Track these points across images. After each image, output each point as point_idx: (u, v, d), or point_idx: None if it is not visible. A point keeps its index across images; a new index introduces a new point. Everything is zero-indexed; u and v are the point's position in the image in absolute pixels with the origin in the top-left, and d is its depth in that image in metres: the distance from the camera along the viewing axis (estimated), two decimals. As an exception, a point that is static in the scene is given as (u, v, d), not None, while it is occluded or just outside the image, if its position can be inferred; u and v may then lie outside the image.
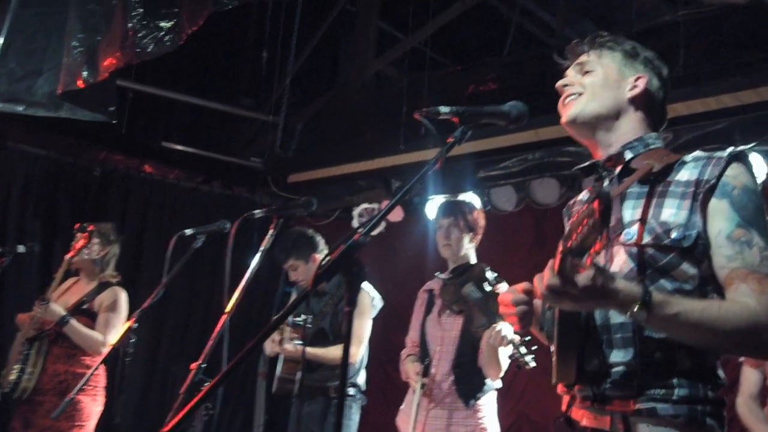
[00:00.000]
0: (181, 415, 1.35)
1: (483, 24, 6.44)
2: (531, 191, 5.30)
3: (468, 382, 3.45)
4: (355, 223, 6.24)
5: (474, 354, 3.47)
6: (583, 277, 1.39)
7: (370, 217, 6.14)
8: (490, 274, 3.46)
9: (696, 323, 1.48)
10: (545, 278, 1.43)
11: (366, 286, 4.05)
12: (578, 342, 1.63)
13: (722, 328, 1.49)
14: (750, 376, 3.41)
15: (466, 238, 3.62)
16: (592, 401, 1.65)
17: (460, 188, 5.46)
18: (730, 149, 1.67)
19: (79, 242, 4.04)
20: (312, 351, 3.85)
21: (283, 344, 3.86)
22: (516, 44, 6.10)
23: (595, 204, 1.28)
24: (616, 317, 1.63)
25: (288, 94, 6.20)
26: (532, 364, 2.93)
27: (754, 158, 4.22)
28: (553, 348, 1.70)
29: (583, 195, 2.01)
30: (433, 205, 5.58)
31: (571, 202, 2.06)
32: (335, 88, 6.75)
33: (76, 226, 4.16)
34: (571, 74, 1.88)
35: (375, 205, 6.17)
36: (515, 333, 2.98)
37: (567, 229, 1.94)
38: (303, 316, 3.99)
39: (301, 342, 3.87)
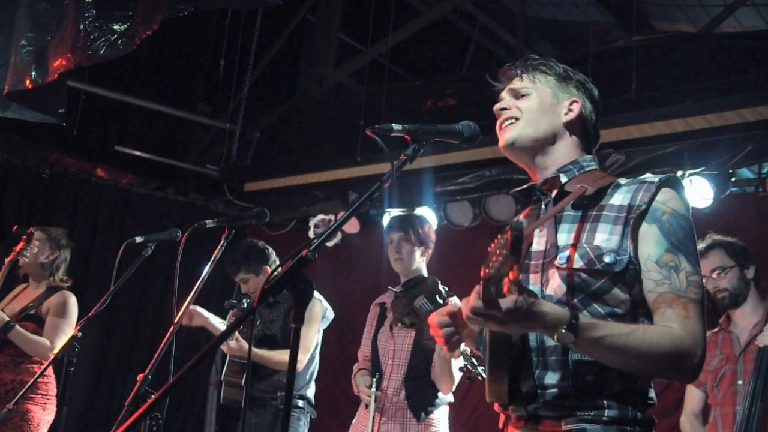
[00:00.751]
0: (123, 427, 1.31)
1: (443, 40, 6.51)
2: (487, 207, 5.34)
3: (420, 395, 3.45)
4: (311, 234, 6.21)
5: (426, 368, 3.47)
6: (507, 301, 1.40)
7: (324, 229, 6.12)
8: (441, 288, 3.47)
9: (621, 347, 1.51)
10: (470, 302, 1.45)
11: (318, 295, 4.02)
12: (509, 362, 1.65)
13: (647, 353, 1.51)
14: (693, 395, 3.50)
15: (418, 252, 3.63)
16: (526, 421, 1.67)
17: (417, 202, 5.48)
18: (662, 175, 1.72)
19: (19, 245, 3.94)
20: (258, 351, 3.79)
21: (228, 341, 3.77)
22: (475, 62, 6.18)
23: (508, 234, 1.30)
24: (551, 340, 1.64)
25: (246, 103, 6.15)
26: (484, 375, 2.94)
27: (701, 183, 4.35)
28: (486, 367, 1.71)
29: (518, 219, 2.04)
30: (389, 218, 5.59)
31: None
32: (294, 97, 6.73)
33: (15, 228, 4.05)
34: (507, 98, 1.89)
35: (331, 216, 6.15)
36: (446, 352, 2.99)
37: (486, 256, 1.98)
38: (245, 301, 3.95)
39: (242, 332, 3.80)
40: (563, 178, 1.79)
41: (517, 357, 1.66)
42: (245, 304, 3.94)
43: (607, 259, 1.61)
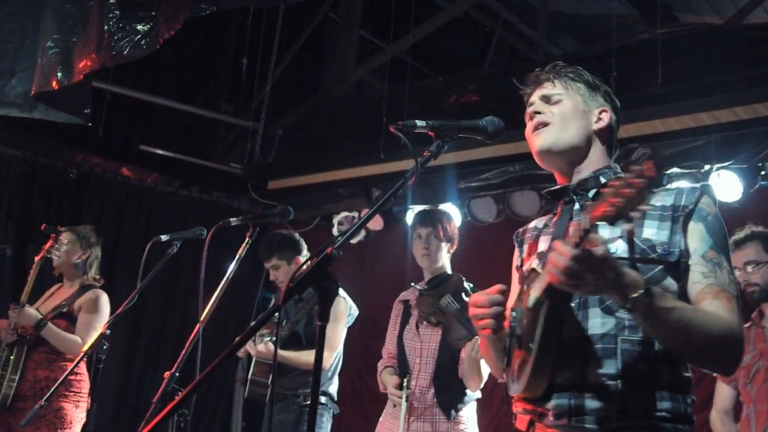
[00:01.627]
0: (151, 425, 1.33)
1: (465, 36, 6.48)
2: (510, 203, 5.32)
3: (448, 393, 3.43)
4: (335, 231, 6.23)
5: (453, 365, 3.45)
6: (600, 249, 1.42)
7: (347, 227, 6.13)
8: (467, 285, 3.45)
9: (687, 322, 1.53)
10: (565, 253, 1.43)
11: (342, 293, 4.04)
12: (555, 353, 1.62)
13: (708, 333, 1.55)
14: (723, 391, 3.45)
15: (444, 248, 3.61)
16: (569, 416, 1.62)
17: (440, 199, 5.46)
18: (699, 184, 1.79)
19: (47, 243, 3.99)
20: (284, 353, 3.82)
21: (255, 345, 3.82)
22: (498, 57, 6.15)
23: (647, 164, 1.30)
24: (597, 327, 1.65)
25: (268, 101, 6.18)
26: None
27: (729, 176, 4.28)
28: (522, 359, 1.67)
29: (536, 223, 2.03)
30: (412, 215, 5.58)
31: (521, 229, 2.07)
32: (316, 95, 6.74)
33: (43, 227, 4.10)
34: (539, 103, 1.90)
35: (355, 213, 6.16)
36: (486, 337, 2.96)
37: (522, 253, 1.95)
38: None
39: (271, 339, 3.83)
40: (603, 179, 1.81)
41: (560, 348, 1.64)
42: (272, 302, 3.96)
43: (659, 249, 1.66)
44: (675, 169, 4.31)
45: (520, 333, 1.72)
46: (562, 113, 1.85)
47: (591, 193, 1.80)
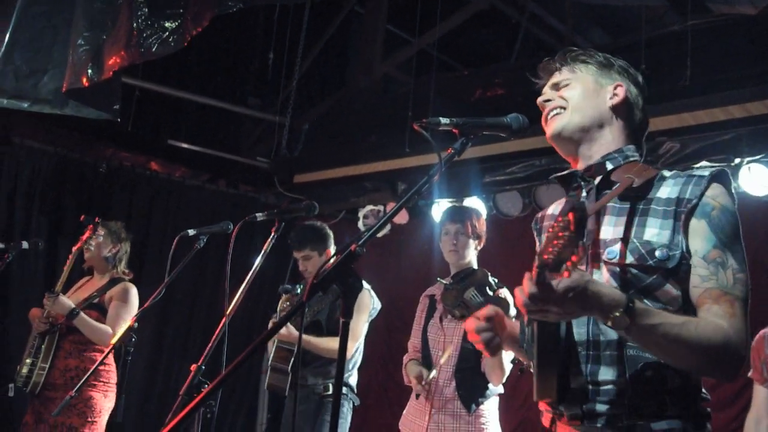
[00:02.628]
0: (176, 421, 1.35)
1: (491, 29, 6.43)
2: (537, 197, 5.28)
3: (470, 387, 3.44)
4: (360, 225, 6.24)
5: (476, 359, 3.46)
6: (563, 281, 1.36)
7: (372, 221, 6.14)
8: (491, 280, 3.45)
9: (674, 337, 1.47)
10: (525, 289, 1.40)
11: (366, 286, 4.07)
12: (558, 359, 1.61)
13: (699, 346, 1.49)
14: (759, 394, 3.28)
15: (472, 245, 3.62)
16: (581, 420, 1.63)
17: (465, 192, 5.45)
18: (711, 169, 1.67)
19: (85, 234, 4.07)
20: (305, 338, 3.84)
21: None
22: (524, 50, 6.09)
23: (570, 216, 1.26)
24: (605, 334, 1.62)
25: (295, 95, 6.20)
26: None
27: (760, 170, 4.20)
28: (533, 365, 1.67)
29: (553, 209, 2.00)
30: (438, 209, 5.57)
31: (540, 215, 2.05)
32: (342, 89, 6.75)
33: (82, 217, 4.19)
34: (548, 91, 1.87)
35: (380, 207, 6.17)
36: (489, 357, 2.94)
37: (541, 241, 1.93)
38: (298, 287, 4.00)
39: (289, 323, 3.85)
40: (609, 165, 1.76)
41: (565, 352, 1.63)
42: (298, 290, 3.98)
43: (658, 254, 1.58)
44: (704, 163, 4.24)
45: (528, 345, 1.73)
46: (571, 96, 1.80)
47: (597, 180, 1.76)
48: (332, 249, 4.15)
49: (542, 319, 1.49)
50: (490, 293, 3.41)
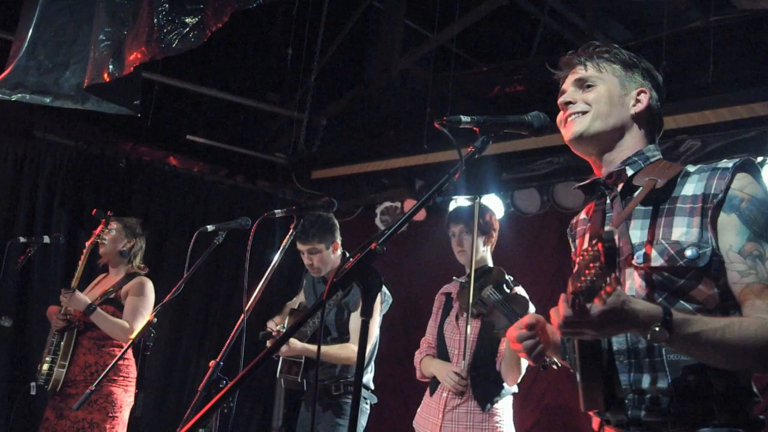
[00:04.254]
0: (193, 421, 1.36)
1: (511, 24, 6.39)
2: (555, 195, 5.26)
3: (485, 385, 3.43)
4: (377, 221, 6.24)
5: (491, 358, 3.45)
6: (598, 307, 1.34)
7: (389, 218, 6.13)
8: (507, 277, 3.44)
9: (718, 342, 1.44)
10: (560, 311, 1.39)
11: None
12: (601, 369, 1.59)
13: (745, 347, 1.44)
14: None
15: (480, 242, 3.60)
16: (626, 427, 1.60)
17: (483, 189, 5.43)
18: (736, 159, 1.63)
19: (97, 228, 4.08)
20: (313, 349, 3.70)
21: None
22: (544, 46, 6.05)
23: (599, 246, 1.25)
24: (642, 341, 1.59)
25: (313, 91, 6.21)
26: (559, 364, 2.88)
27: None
28: (578, 376, 1.64)
29: (584, 214, 1.97)
30: (455, 206, 5.55)
31: (574, 221, 2.02)
32: (360, 85, 6.75)
33: (94, 212, 4.20)
34: (571, 90, 1.82)
35: (398, 204, 6.16)
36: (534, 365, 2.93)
37: (575, 247, 1.89)
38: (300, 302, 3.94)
39: (282, 327, 3.83)
40: (629, 171, 1.73)
41: (608, 361, 1.61)
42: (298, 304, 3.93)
43: (688, 253, 1.55)
44: (720, 161, 4.19)
45: (570, 354, 1.71)
46: (597, 99, 1.75)
47: (619, 188, 1.73)
48: (339, 241, 3.94)
49: (578, 338, 1.47)
50: (507, 291, 3.40)
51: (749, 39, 4.16)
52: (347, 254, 3.87)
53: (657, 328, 1.40)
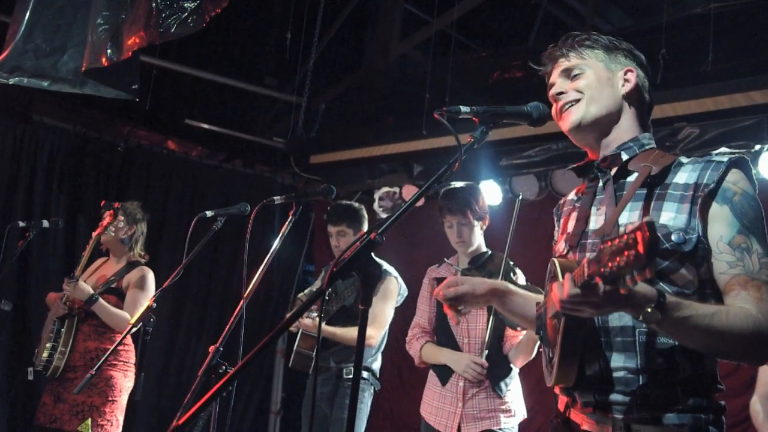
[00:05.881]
0: (192, 411, 1.37)
1: (511, 9, 6.37)
2: (553, 181, 5.26)
3: (498, 370, 3.46)
4: (376, 206, 6.24)
5: (499, 342, 3.50)
6: (601, 287, 1.34)
7: (388, 203, 6.13)
8: (511, 263, 3.46)
9: (705, 328, 1.48)
10: (565, 289, 1.40)
11: (394, 273, 4.10)
12: (582, 346, 1.61)
13: (730, 335, 1.49)
14: (764, 376, 3.32)
15: (477, 228, 3.60)
16: (594, 407, 1.64)
17: (481, 175, 5.43)
18: (730, 155, 1.66)
19: (105, 219, 4.07)
20: (331, 329, 3.86)
21: (303, 318, 3.86)
22: (544, 31, 6.03)
23: (638, 235, 1.19)
24: (615, 320, 1.62)
25: (311, 75, 6.18)
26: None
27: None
28: (552, 352, 1.67)
29: (572, 195, 1.98)
30: (441, 193, 5.54)
31: (561, 201, 2.04)
32: (359, 70, 6.72)
33: (102, 203, 4.19)
34: (560, 81, 1.84)
35: (396, 189, 6.16)
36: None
37: (559, 226, 1.93)
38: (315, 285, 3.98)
39: (316, 315, 3.89)
40: (624, 156, 1.76)
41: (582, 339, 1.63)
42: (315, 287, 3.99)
43: (674, 237, 1.58)
44: (723, 149, 4.19)
45: (546, 335, 1.73)
46: (587, 86, 1.78)
47: (613, 172, 1.76)
48: (364, 230, 4.09)
49: (575, 314, 1.49)
50: (513, 277, 3.42)
51: (749, 26, 4.15)
52: None
53: (650, 310, 1.42)
